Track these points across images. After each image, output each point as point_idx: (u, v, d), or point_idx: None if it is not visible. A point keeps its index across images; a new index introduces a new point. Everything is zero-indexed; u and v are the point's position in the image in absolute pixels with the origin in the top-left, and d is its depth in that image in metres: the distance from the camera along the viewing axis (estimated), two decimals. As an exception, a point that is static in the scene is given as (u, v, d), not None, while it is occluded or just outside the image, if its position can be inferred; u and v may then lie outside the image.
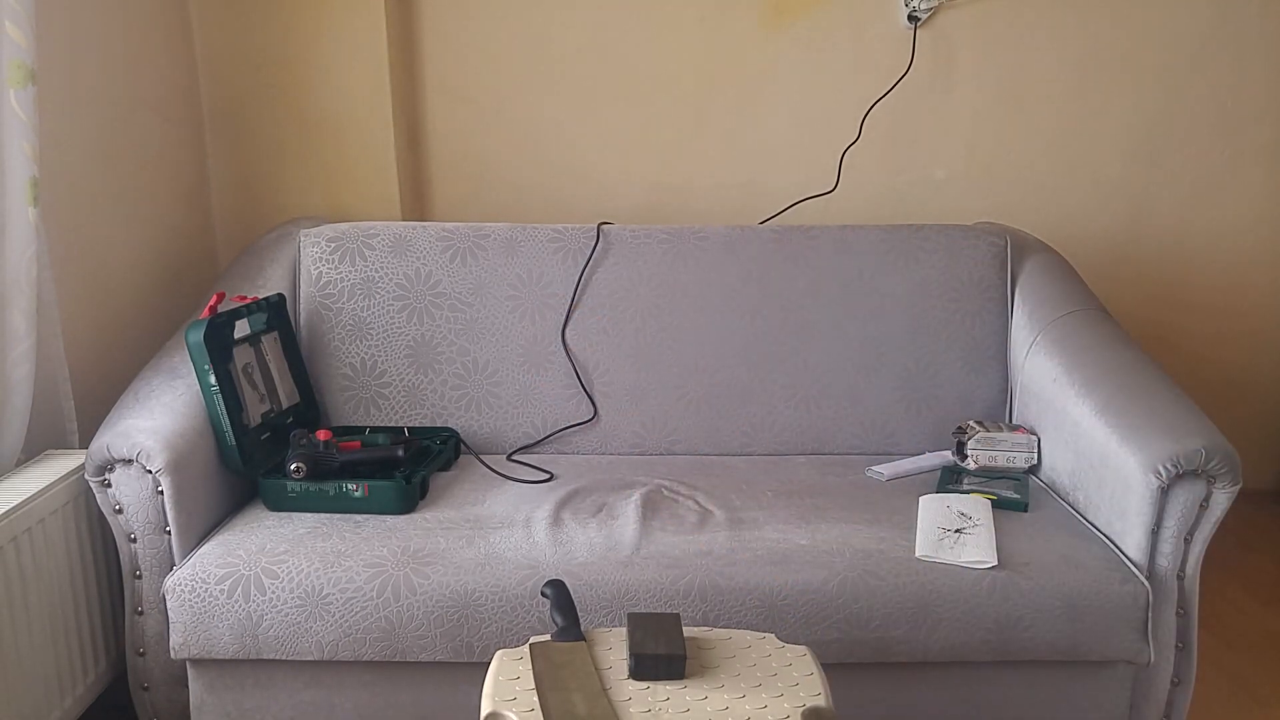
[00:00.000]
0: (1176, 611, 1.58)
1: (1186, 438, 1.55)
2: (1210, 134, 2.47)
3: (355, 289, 1.99)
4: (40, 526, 1.49)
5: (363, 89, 2.30)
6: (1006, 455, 1.89)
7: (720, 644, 1.21)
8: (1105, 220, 2.52)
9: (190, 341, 1.64)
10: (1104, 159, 2.48)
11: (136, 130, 2.04)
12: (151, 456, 1.54)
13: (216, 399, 1.65)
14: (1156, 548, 1.57)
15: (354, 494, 1.68)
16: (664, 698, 1.11)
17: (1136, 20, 2.40)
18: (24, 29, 1.51)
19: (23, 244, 1.55)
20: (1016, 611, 1.52)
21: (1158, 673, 1.60)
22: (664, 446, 2.01)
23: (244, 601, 1.50)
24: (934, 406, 2.01)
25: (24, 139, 1.53)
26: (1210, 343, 2.61)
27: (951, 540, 1.60)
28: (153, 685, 1.63)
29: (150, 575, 1.59)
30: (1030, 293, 2.03)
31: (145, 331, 2.02)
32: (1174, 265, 2.55)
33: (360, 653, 1.52)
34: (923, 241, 2.04)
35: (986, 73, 2.43)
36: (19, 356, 1.57)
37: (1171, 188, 2.51)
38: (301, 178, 2.35)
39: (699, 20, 2.42)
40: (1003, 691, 1.61)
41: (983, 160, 2.48)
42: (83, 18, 1.85)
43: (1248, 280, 2.57)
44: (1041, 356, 1.92)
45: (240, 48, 2.27)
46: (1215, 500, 1.54)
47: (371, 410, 1.99)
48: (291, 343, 1.93)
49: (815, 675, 1.16)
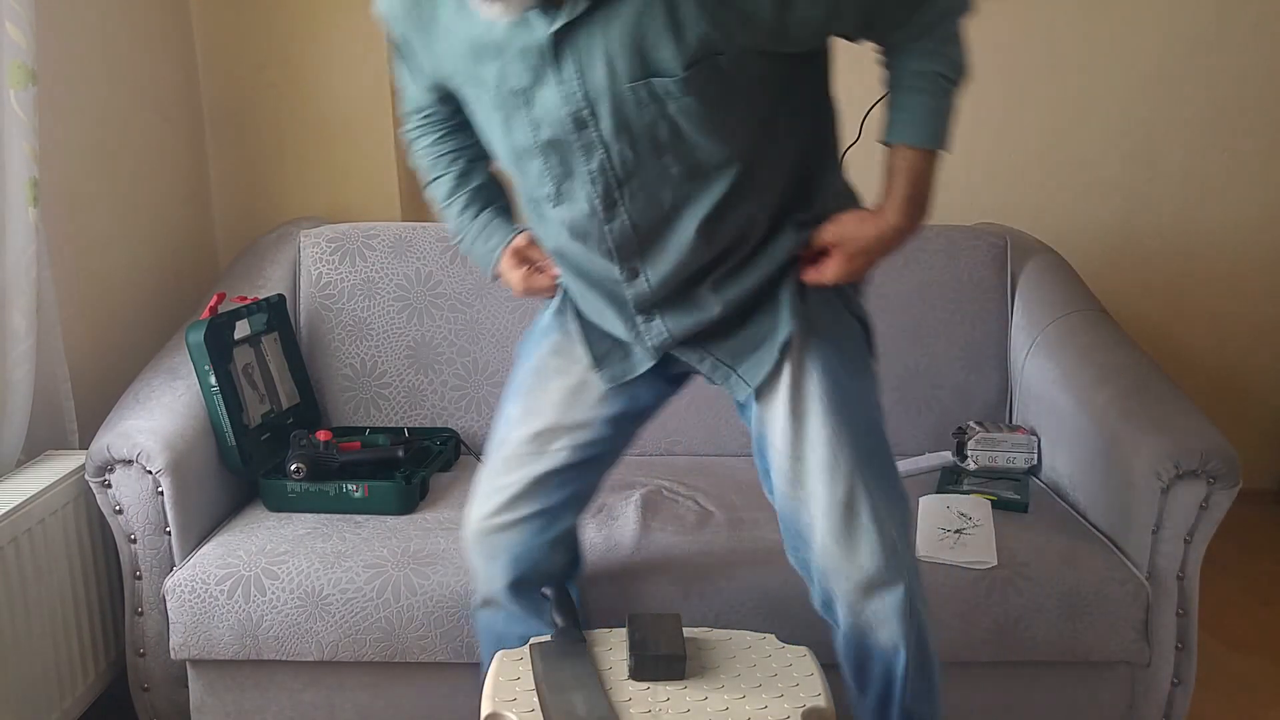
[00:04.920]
0: (1176, 611, 1.58)
1: (1186, 438, 1.55)
2: (1210, 134, 2.47)
3: (355, 289, 1.99)
4: (40, 527, 1.49)
5: (363, 89, 2.30)
6: (1006, 456, 1.88)
7: (720, 644, 1.21)
8: (1105, 221, 2.52)
9: (190, 342, 1.64)
10: (1104, 159, 2.48)
11: (136, 130, 2.04)
12: (151, 457, 1.54)
13: (216, 399, 1.65)
14: (1156, 548, 1.57)
15: (354, 494, 1.68)
16: (664, 698, 1.11)
17: (1136, 20, 2.40)
18: (24, 29, 1.51)
19: (23, 244, 1.55)
20: (1016, 611, 1.52)
21: (1158, 673, 1.60)
22: (664, 447, 2.01)
23: (244, 602, 1.50)
24: (934, 407, 2.01)
25: (24, 139, 1.53)
26: (1210, 343, 2.61)
27: (951, 540, 1.60)
28: (153, 686, 1.63)
29: (150, 576, 1.59)
30: (1030, 293, 2.03)
31: (145, 331, 2.02)
32: (1174, 266, 2.55)
33: (360, 653, 1.52)
34: (923, 242, 2.04)
35: (985, 73, 2.42)
36: (19, 357, 1.57)
37: (1171, 188, 2.51)
38: (301, 178, 2.35)
39: (699, 20, 2.42)
40: (1003, 691, 1.61)
41: (983, 160, 2.48)
42: (83, 18, 1.85)
43: (1248, 280, 2.57)
44: (1041, 357, 1.92)
45: (240, 48, 2.27)
46: (1215, 501, 1.54)
47: (371, 411, 1.99)
48: (291, 343, 1.93)
49: (815, 675, 1.16)
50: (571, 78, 1.04)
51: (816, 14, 1.03)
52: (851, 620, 1.22)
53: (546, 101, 1.06)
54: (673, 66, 1.00)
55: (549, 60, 1.04)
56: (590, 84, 1.03)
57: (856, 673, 1.27)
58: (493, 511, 1.31)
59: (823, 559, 1.21)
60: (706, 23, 0.98)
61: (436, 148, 1.34)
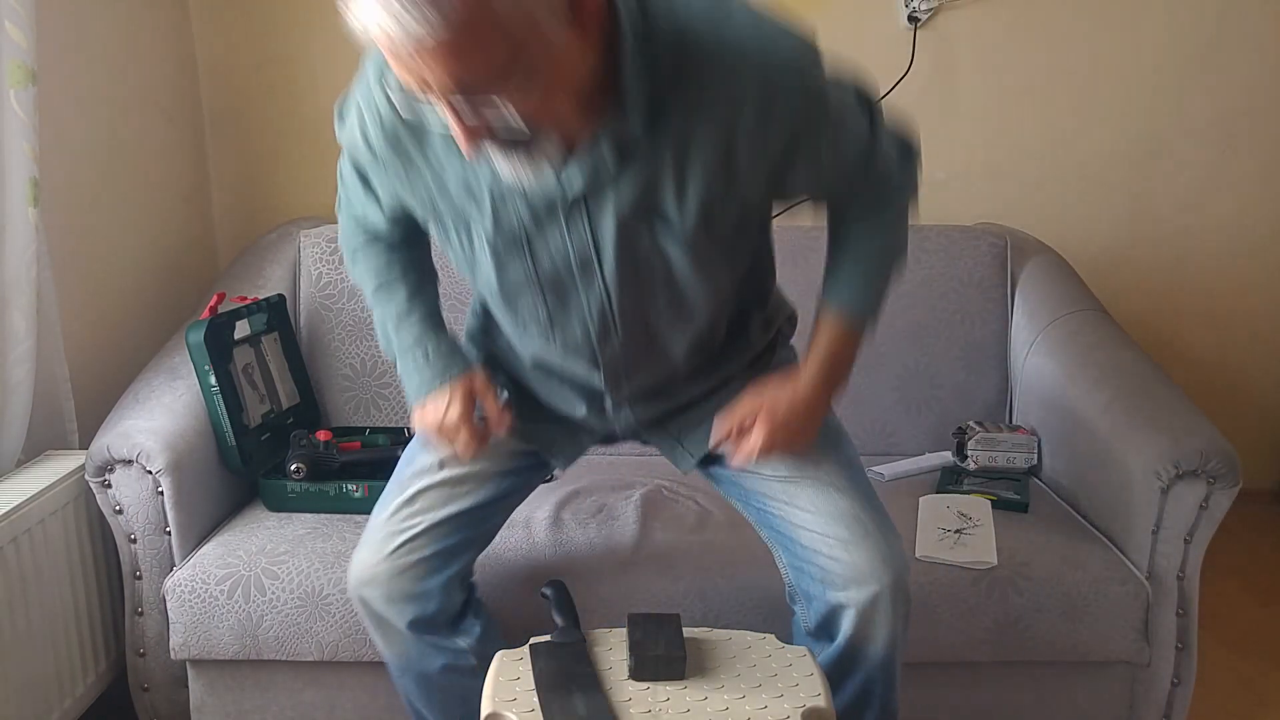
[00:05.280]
0: (1176, 612, 1.58)
1: (1186, 438, 1.55)
2: (1210, 135, 2.47)
3: (355, 289, 1.99)
4: (40, 527, 1.49)
5: (363, 89, 2.29)
6: (1006, 456, 1.89)
7: (720, 644, 1.21)
8: (1105, 221, 2.51)
9: (190, 342, 1.64)
10: (1104, 159, 2.48)
11: (136, 130, 2.04)
12: (151, 457, 1.54)
13: (216, 399, 1.65)
14: (1156, 548, 1.57)
15: (354, 495, 1.68)
16: (664, 698, 1.11)
17: (1136, 20, 2.39)
18: (24, 29, 1.51)
19: (23, 244, 1.55)
20: (1016, 611, 1.52)
21: (1158, 673, 1.60)
22: (664, 447, 2.00)
23: (244, 602, 1.50)
24: (934, 407, 2.01)
25: (24, 139, 1.53)
26: (1210, 343, 2.60)
27: (951, 541, 1.60)
28: (153, 686, 1.63)
29: (150, 576, 1.59)
30: (1030, 293, 2.03)
31: (145, 331, 2.02)
32: (1174, 266, 2.55)
33: (360, 653, 1.52)
34: (923, 242, 2.04)
35: (986, 73, 2.43)
36: (19, 357, 1.57)
37: (1172, 188, 2.50)
38: (301, 178, 2.34)
39: (699, 20, 2.41)
40: (1003, 691, 1.61)
41: (983, 160, 2.47)
42: (83, 18, 1.85)
43: (1248, 280, 2.56)
44: (1041, 357, 1.92)
45: (240, 48, 2.27)
46: (1215, 500, 1.54)
47: (372, 411, 1.99)
48: (291, 343, 1.93)
49: (815, 676, 1.16)
50: (581, 225, 1.08)
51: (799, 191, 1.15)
52: (852, 630, 1.23)
53: (551, 244, 1.10)
54: (675, 221, 1.08)
55: (561, 208, 1.07)
56: (599, 232, 1.08)
57: (837, 679, 1.27)
58: (391, 552, 1.27)
59: (837, 568, 1.21)
60: (706, 190, 1.05)
61: (389, 269, 1.28)
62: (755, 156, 1.04)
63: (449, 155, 1.07)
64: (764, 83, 1.00)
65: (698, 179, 1.04)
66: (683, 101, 1.00)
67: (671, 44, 0.98)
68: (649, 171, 1.04)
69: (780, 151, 1.05)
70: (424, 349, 1.26)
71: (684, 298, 1.15)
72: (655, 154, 1.03)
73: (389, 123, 1.08)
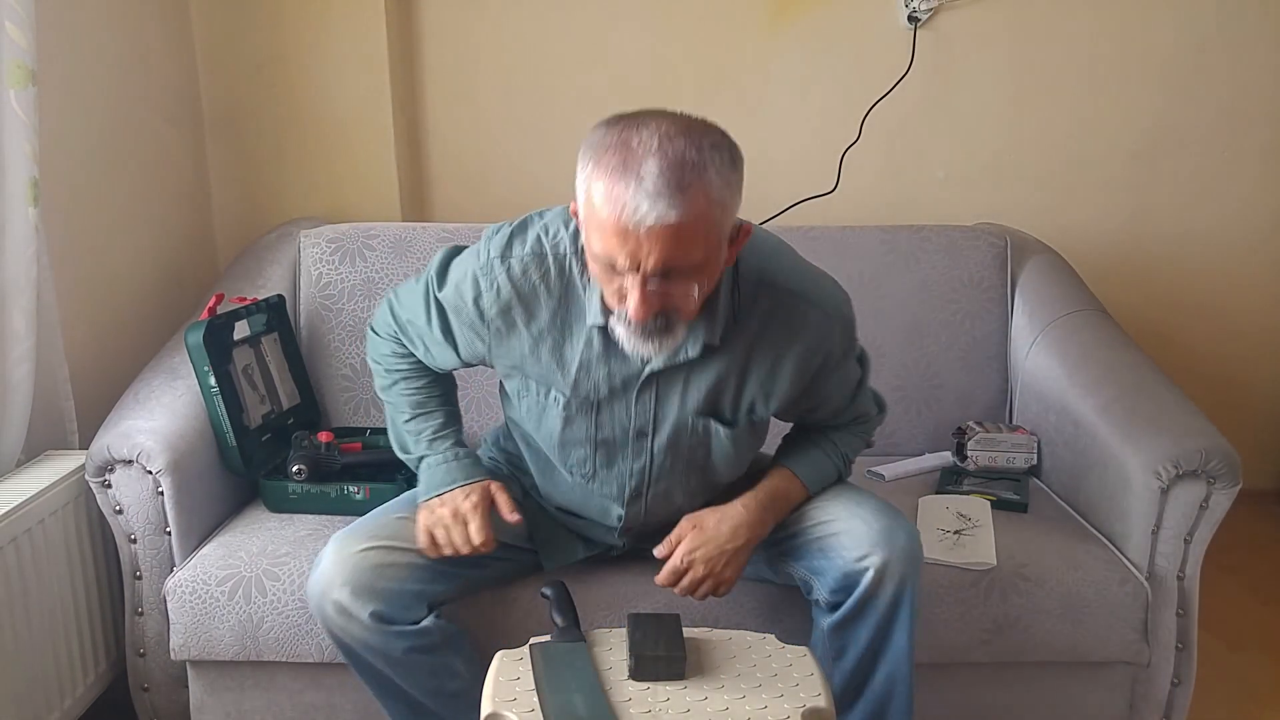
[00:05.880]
0: (1176, 612, 1.58)
1: (1186, 438, 1.55)
2: (1211, 134, 2.47)
3: (355, 290, 1.99)
4: (40, 527, 1.49)
5: (363, 89, 2.30)
6: (1006, 456, 1.89)
7: (720, 644, 1.21)
8: (1105, 221, 2.52)
9: (190, 343, 1.64)
10: (1104, 159, 2.48)
11: (136, 131, 2.04)
12: (152, 457, 1.54)
13: (216, 400, 1.65)
14: (1156, 548, 1.57)
15: (355, 496, 1.68)
16: (664, 698, 1.11)
17: (1136, 20, 2.40)
18: (24, 29, 1.51)
19: (23, 244, 1.55)
20: (1016, 612, 1.52)
21: (1158, 673, 1.60)
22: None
23: (245, 603, 1.50)
24: (934, 407, 2.01)
25: (24, 139, 1.53)
26: (1210, 343, 2.61)
27: (951, 541, 1.60)
28: (153, 686, 1.63)
29: (150, 576, 1.59)
30: (1030, 293, 2.03)
31: (145, 331, 2.02)
32: (1174, 266, 2.55)
33: (360, 653, 1.51)
34: (923, 242, 2.04)
35: (986, 73, 2.43)
36: (19, 357, 1.57)
37: (1172, 188, 2.50)
38: (301, 178, 2.34)
39: (700, 21, 2.41)
40: (1003, 692, 1.61)
41: (983, 160, 2.48)
42: (83, 18, 1.85)
43: (1248, 280, 2.57)
44: (1041, 357, 1.92)
45: (240, 48, 2.27)
46: (1215, 501, 1.54)
47: (372, 411, 1.99)
48: (291, 344, 1.93)
49: (815, 676, 1.16)
50: (649, 401, 1.30)
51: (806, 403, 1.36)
52: (869, 582, 1.28)
53: (617, 413, 1.31)
54: (728, 416, 1.32)
55: (634, 385, 1.28)
56: (661, 410, 1.30)
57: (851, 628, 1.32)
58: (372, 546, 1.31)
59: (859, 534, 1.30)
60: (755, 394, 1.30)
61: (428, 390, 1.45)
62: (798, 373, 1.29)
63: (551, 328, 1.27)
64: (822, 318, 1.27)
65: (751, 385, 1.29)
66: (753, 323, 1.26)
67: (752, 279, 1.25)
68: (715, 371, 1.27)
69: (816, 369, 1.30)
70: (455, 454, 1.40)
71: (715, 469, 1.36)
72: (723, 359, 1.26)
73: (505, 294, 1.27)
